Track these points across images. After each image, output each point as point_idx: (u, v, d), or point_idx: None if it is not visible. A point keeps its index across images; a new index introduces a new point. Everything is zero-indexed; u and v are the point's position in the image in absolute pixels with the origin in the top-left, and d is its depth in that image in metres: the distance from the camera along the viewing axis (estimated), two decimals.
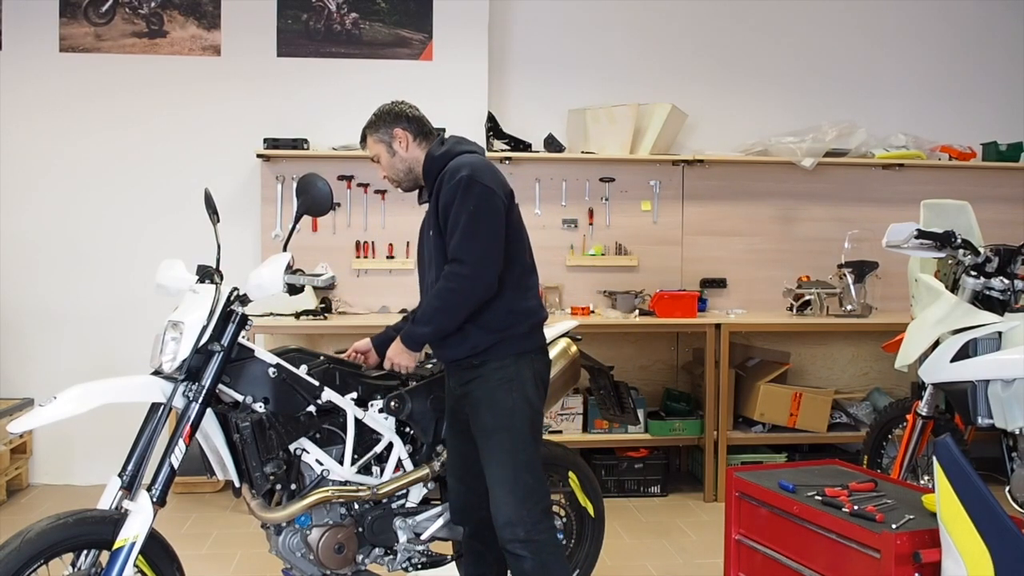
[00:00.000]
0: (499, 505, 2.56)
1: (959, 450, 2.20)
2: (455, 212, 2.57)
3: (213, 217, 2.73)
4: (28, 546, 2.21)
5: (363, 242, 5.18)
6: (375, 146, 2.86)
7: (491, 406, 2.61)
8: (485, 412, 2.62)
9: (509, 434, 2.59)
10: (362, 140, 2.93)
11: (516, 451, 2.58)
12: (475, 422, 2.66)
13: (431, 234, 2.69)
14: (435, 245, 2.67)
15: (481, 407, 2.63)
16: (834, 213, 5.47)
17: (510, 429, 2.59)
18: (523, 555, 2.52)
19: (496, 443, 2.59)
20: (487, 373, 2.63)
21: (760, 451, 5.05)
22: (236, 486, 2.72)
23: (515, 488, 2.55)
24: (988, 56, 5.76)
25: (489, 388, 2.62)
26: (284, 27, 5.19)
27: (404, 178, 2.85)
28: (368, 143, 2.89)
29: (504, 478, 2.56)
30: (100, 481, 2.63)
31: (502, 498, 2.55)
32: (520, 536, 2.52)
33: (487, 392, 2.62)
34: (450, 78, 5.21)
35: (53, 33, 5.06)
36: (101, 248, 5.11)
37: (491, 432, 2.60)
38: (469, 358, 2.65)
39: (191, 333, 2.50)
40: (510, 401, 2.61)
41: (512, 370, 2.64)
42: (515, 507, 2.54)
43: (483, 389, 2.63)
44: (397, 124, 2.84)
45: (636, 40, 5.49)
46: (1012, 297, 3.17)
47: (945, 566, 2.20)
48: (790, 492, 2.70)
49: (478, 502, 2.73)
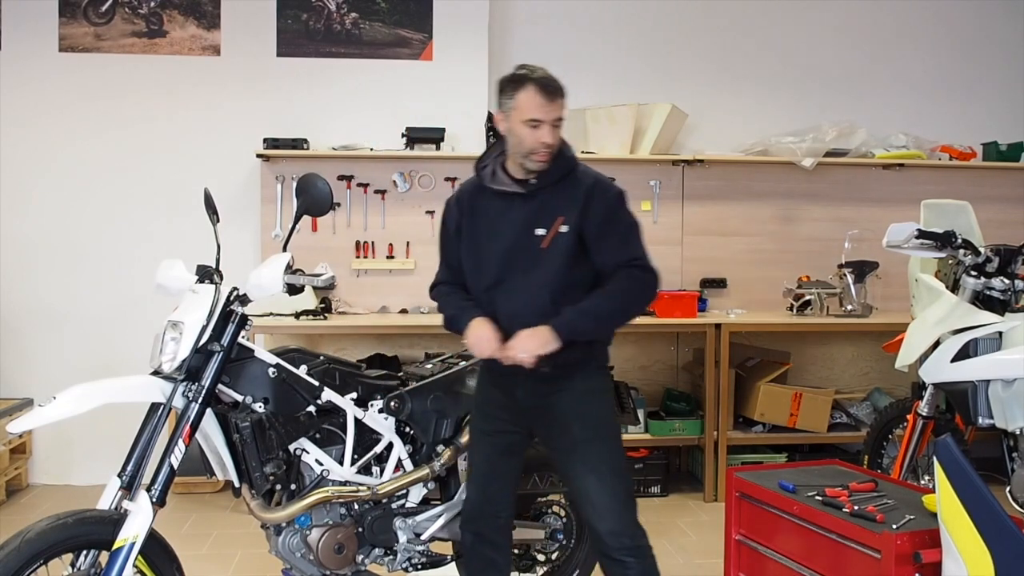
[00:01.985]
0: (603, 515, 2.48)
1: (959, 450, 2.19)
2: (625, 222, 2.52)
3: (213, 217, 2.73)
4: (28, 546, 2.21)
5: (363, 242, 5.18)
6: (563, 111, 2.55)
7: (580, 417, 2.53)
8: (574, 424, 2.52)
9: (603, 444, 2.53)
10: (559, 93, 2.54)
11: (611, 460, 2.53)
12: (559, 434, 2.55)
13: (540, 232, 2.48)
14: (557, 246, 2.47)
15: (569, 419, 2.53)
16: (834, 213, 5.47)
17: (604, 439, 2.53)
18: (629, 561, 2.47)
19: (590, 454, 2.51)
20: (573, 385, 2.53)
21: (760, 451, 5.04)
22: (236, 486, 2.72)
23: (615, 496, 2.49)
24: (988, 56, 5.76)
25: (576, 399, 2.53)
26: (284, 27, 5.19)
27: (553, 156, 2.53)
28: (563, 103, 2.55)
29: (603, 488, 2.49)
30: (100, 481, 2.63)
31: (606, 507, 2.48)
32: (627, 544, 2.47)
33: (574, 404, 2.53)
34: (450, 78, 5.21)
35: (53, 33, 5.06)
36: (101, 248, 5.11)
37: (583, 443, 2.51)
38: (559, 368, 2.50)
39: (191, 333, 2.50)
40: (600, 412, 2.56)
41: (597, 381, 2.60)
42: (620, 515, 2.48)
43: (569, 401, 2.53)
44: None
45: (636, 40, 5.49)
46: (1012, 297, 3.17)
47: (945, 566, 2.20)
48: (790, 492, 2.70)
49: (493, 511, 2.69)
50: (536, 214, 2.51)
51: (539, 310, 2.46)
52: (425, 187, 5.21)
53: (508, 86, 2.53)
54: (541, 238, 2.49)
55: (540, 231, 2.49)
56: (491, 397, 2.68)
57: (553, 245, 2.48)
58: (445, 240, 2.70)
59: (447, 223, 2.68)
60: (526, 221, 2.51)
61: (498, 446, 2.67)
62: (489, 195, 2.58)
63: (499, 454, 2.67)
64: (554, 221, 2.48)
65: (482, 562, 2.75)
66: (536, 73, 2.53)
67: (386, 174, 5.17)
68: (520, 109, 2.48)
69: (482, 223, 2.58)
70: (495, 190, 2.56)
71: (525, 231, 2.50)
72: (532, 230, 2.50)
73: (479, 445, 2.73)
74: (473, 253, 2.59)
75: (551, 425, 2.57)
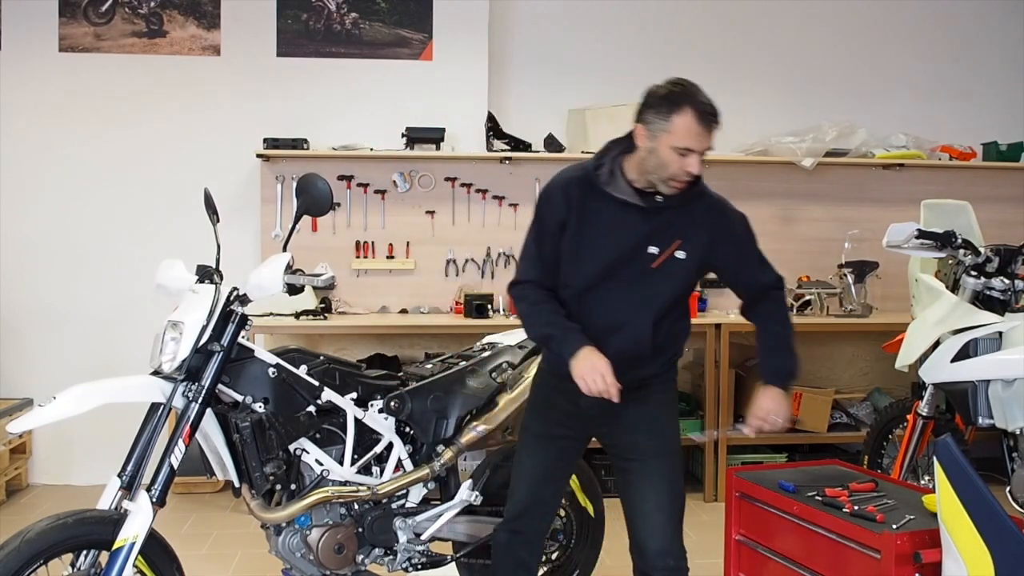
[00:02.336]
0: (655, 532, 2.42)
1: (959, 450, 2.19)
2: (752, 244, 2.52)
3: (213, 217, 2.73)
4: (28, 546, 2.21)
5: (363, 242, 5.18)
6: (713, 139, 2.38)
7: (654, 429, 2.47)
8: (646, 436, 2.47)
9: (669, 460, 2.47)
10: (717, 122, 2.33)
11: (674, 478, 2.47)
12: (627, 444, 2.49)
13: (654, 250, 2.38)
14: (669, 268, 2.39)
15: (638, 430, 2.47)
16: (834, 213, 5.46)
17: (670, 454, 2.48)
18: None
19: (657, 468, 2.45)
20: (647, 395, 2.46)
21: (760, 451, 5.04)
22: (236, 486, 2.72)
23: (671, 516, 2.44)
24: (988, 56, 5.76)
25: (651, 411, 2.48)
26: (284, 27, 5.19)
27: None
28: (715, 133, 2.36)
29: (662, 505, 2.43)
30: (100, 481, 2.63)
31: (660, 526, 2.42)
32: (670, 564, 2.42)
33: (649, 415, 2.47)
34: (450, 78, 5.21)
35: (52, 33, 5.06)
36: (101, 248, 5.10)
37: (652, 456, 2.45)
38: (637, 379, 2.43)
39: (191, 333, 2.50)
40: (670, 426, 2.52)
41: (670, 394, 2.54)
42: (671, 536, 2.43)
43: (643, 412, 2.46)
44: None
45: (636, 40, 5.49)
46: (1012, 297, 3.17)
47: (945, 566, 2.20)
48: (790, 492, 2.69)
49: (540, 513, 2.61)
50: (653, 232, 2.38)
51: (637, 329, 2.39)
52: (425, 187, 5.21)
53: (662, 105, 2.31)
54: (653, 257, 2.38)
55: (653, 249, 2.38)
56: (552, 401, 2.56)
57: (664, 267, 2.38)
58: (541, 233, 2.47)
59: (548, 216, 2.46)
60: (641, 236, 2.38)
61: (553, 450, 2.58)
62: (604, 198, 2.41)
63: (554, 458, 2.59)
64: (671, 243, 2.38)
65: (514, 563, 2.65)
66: (697, 97, 2.30)
67: (386, 174, 5.17)
68: (673, 134, 2.28)
69: (592, 226, 2.41)
70: (616, 197, 2.40)
71: (637, 246, 2.38)
72: (645, 247, 2.38)
73: (533, 448, 2.61)
74: (574, 254, 2.43)
75: (619, 434, 2.50)
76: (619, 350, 2.39)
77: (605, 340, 2.38)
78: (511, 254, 5.24)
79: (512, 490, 2.63)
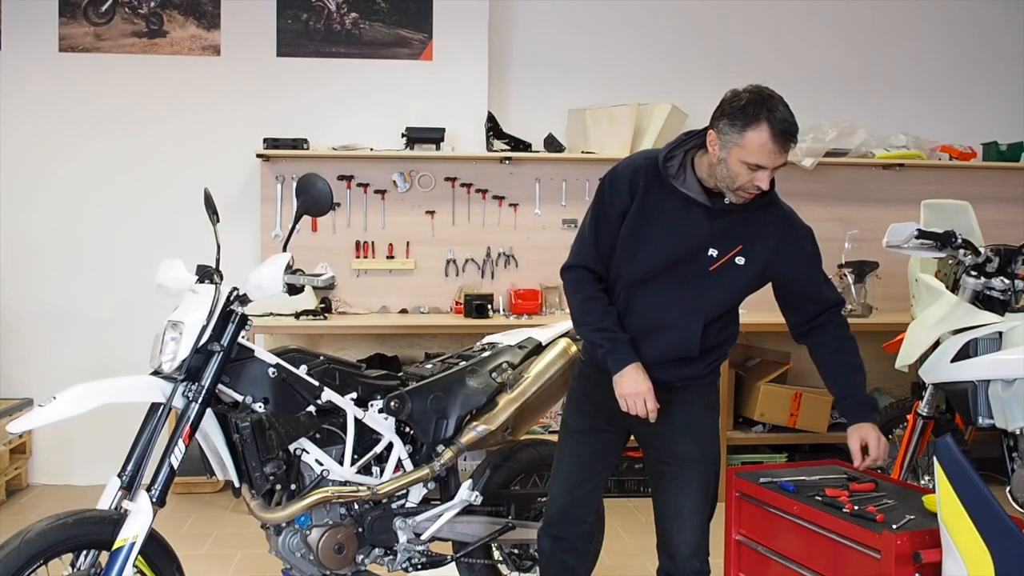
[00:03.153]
0: (687, 536, 2.42)
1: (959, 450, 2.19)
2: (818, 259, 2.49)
3: (213, 217, 2.73)
4: (28, 546, 2.22)
5: (363, 242, 5.18)
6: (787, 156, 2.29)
7: (695, 433, 2.44)
8: (688, 440, 2.43)
9: (709, 465, 2.45)
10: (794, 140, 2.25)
11: (710, 483, 2.45)
12: (667, 446, 2.45)
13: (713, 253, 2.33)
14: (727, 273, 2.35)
15: (680, 432, 2.43)
16: (834, 213, 5.46)
17: (710, 460, 2.46)
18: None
19: (696, 473, 2.43)
20: (691, 398, 2.44)
21: (760, 451, 5.04)
22: (236, 486, 2.72)
23: (703, 521, 2.45)
24: (988, 56, 5.75)
25: (694, 414, 2.44)
26: (284, 27, 5.19)
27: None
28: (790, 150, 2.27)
29: (696, 509, 2.43)
30: (100, 481, 2.63)
31: (692, 531, 2.43)
32: (696, 568, 2.44)
33: (692, 418, 2.44)
34: (450, 78, 5.21)
35: (53, 33, 5.06)
36: (101, 248, 5.10)
37: (693, 461, 2.43)
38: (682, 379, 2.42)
39: (191, 333, 2.50)
40: (711, 430, 2.48)
41: (713, 397, 2.50)
42: (700, 540, 2.44)
43: (686, 415, 2.43)
44: None
45: (636, 40, 5.49)
46: (1013, 297, 3.17)
47: (945, 566, 2.20)
48: (790, 492, 2.69)
49: (579, 515, 2.57)
50: (716, 234, 2.32)
51: (686, 331, 2.34)
52: (425, 187, 5.21)
53: (738, 117, 2.21)
54: (712, 260, 2.33)
55: (713, 252, 2.32)
56: (592, 396, 2.53)
57: (721, 272, 2.34)
58: (600, 219, 2.41)
59: (609, 201, 2.39)
60: (703, 237, 2.32)
61: (592, 445, 2.54)
62: (670, 191, 2.34)
63: (593, 454, 2.54)
64: (732, 248, 2.33)
65: (561, 570, 2.62)
66: (776, 113, 2.18)
67: (386, 174, 5.17)
68: (746, 149, 2.20)
69: (653, 219, 2.34)
70: (682, 192, 2.34)
71: (698, 247, 2.32)
72: (706, 249, 2.32)
73: (571, 445, 2.57)
74: (631, 245, 2.36)
75: (659, 434, 2.45)
76: (666, 349, 2.38)
77: (652, 336, 2.37)
78: (511, 254, 5.24)
79: (550, 489, 2.61)
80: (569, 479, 2.55)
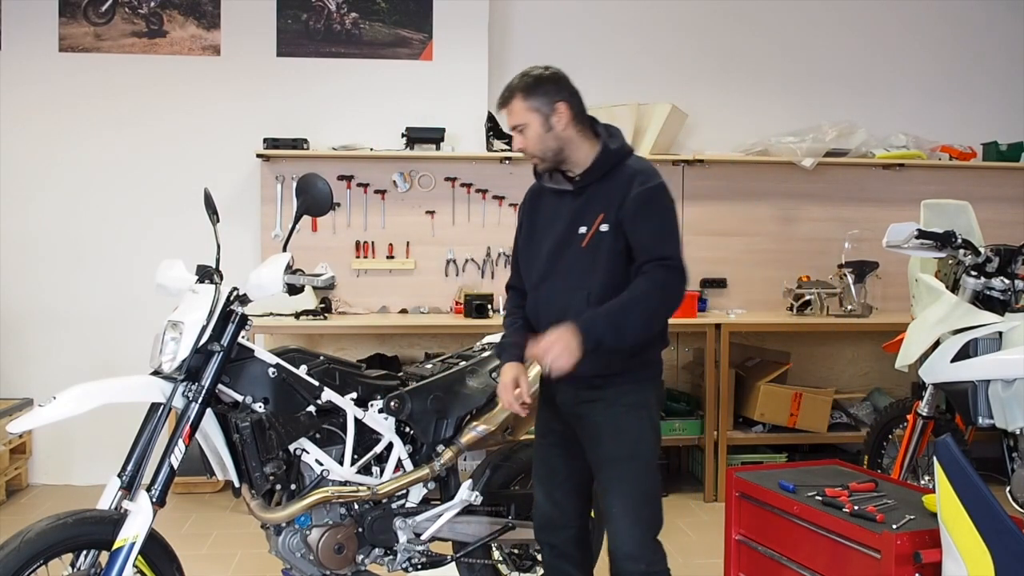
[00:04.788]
0: (622, 537, 2.38)
1: (959, 450, 2.19)
2: (661, 215, 2.37)
3: (213, 217, 2.73)
4: (28, 546, 2.22)
5: (363, 242, 5.18)
6: (526, 114, 2.42)
7: (616, 433, 2.40)
8: (609, 439, 2.41)
9: (635, 463, 2.40)
10: (505, 102, 2.45)
11: (641, 481, 2.40)
12: (594, 448, 2.44)
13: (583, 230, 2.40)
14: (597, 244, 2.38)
15: (604, 434, 2.41)
16: (834, 213, 5.46)
17: (636, 458, 2.40)
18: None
19: (620, 473, 2.40)
20: (612, 396, 2.41)
21: (760, 451, 5.04)
22: (236, 486, 2.72)
23: (638, 520, 2.38)
24: (988, 56, 5.76)
25: (614, 413, 2.41)
26: (284, 27, 5.19)
27: (551, 158, 2.45)
28: (516, 109, 2.43)
29: (627, 509, 2.38)
30: (100, 481, 2.63)
31: (626, 531, 2.38)
32: (641, 570, 2.37)
33: (612, 418, 2.41)
34: (450, 78, 5.21)
35: (53, 33, 5.06)
36: (101, 248, 5.11)
37: (615, 461, 2.40)
38: (594, 377, 2.39)
39: (191, 333, 2.50)
40: (638, 429, 2.41)
41: (640, 396, 2.43)
42: (638, 541, 2.38)
43: (606, 414, 2.41)
44: (560, 96, 2.44)
45: (636, 40, 5.49)
46: (1013, 297, 3.17)
47: (945, 566, 2.20)
48: (790, 492, 2.69)
49: (564, 521, 2.56)
50: (581, 211, 2.42)
51: (575, 313, 2.33)
52: (425, 187, 5.21)
53: None
54: (583, 236, 2.40)
55: (583, 229, 2.40)
56: (544, 400, 2.60)
57: (592, 244, 2.38)
58: (515, 242, 2.68)
59: (518, 223, 2.65)
60: (572, 219, 2.43)
61: (554, 448, 2.57)
62: (547, 193, 2.54)
63: (556, 457, 2.57)
64: (595, 219, 2.39)
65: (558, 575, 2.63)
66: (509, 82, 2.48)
67: (386, 174, 5.17)
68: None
69: (538, 222, 2.54)
70: (551, 188, 2.52)
71: (569, 229, 2.43)
72: (576, 228, 2.42)
73: (537, 451, 2.64)
74: (526, 251, 2.58)
75: (584, 435, 2.48)
76: None
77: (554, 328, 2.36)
78: (511, 254, 5.24)
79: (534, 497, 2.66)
80: (543, 484, 2.61)
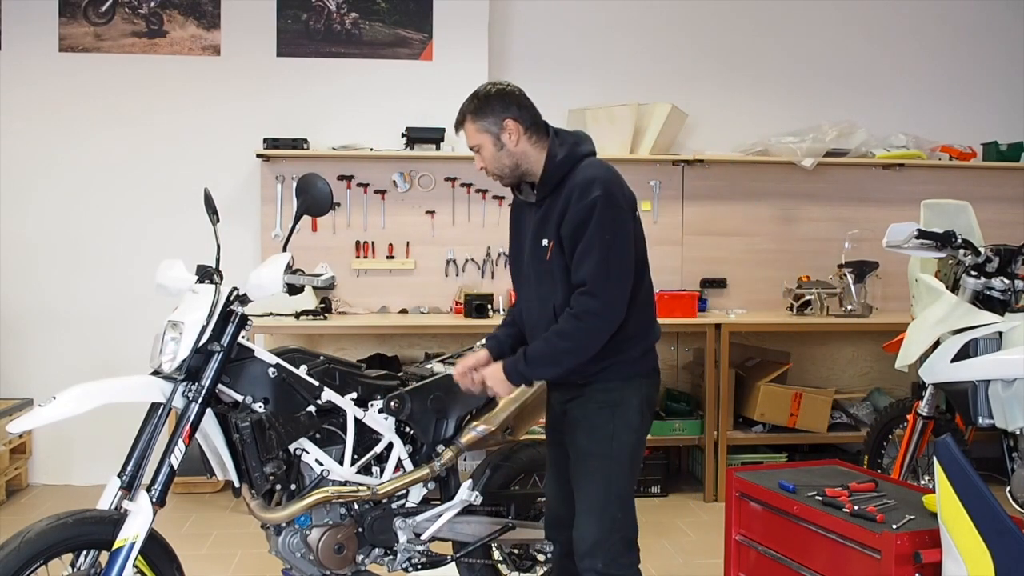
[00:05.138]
0: (582, 532, 2.41)
1: (959, 450, 2.19)
2: (589, 236, 2.31)
3: (213, 217, 2.73)
4: (28, 546, 2.21)
5: (363, 242, 5.18)
6: (478, 136, 2.44)
7: (589, 430, 2.43)
8: (582, 435, 2.45)
9: (605, 461, 2.41)
10: (459, 125, 2.49)
11: (609, 479, 2.40)
12: (571, 443, 2.49)
13: (544, 243, 2.42)
14: (553, 257, 2.40)
15: (578, 429, 2.46)
16: (834, 213, 5.47)
17: (606, 456, 2.41)
18: None
19: (589, 468, 2.42)
20: (589, 394, 2.45)
21: (760, 451, 5.04)
22: (236, 486, 2.72)
23: (602, 518, 2.39)
24: (988, 56, 5.76)
25: (588, 411, 2.44)
26: (284, 27, 5.19)
27: (509, 174, 2.47)
28: (468, 131, 2.46)
29: (592, 506, 2.40)
30: (100, 481, 2.63)
31: (586, 526, 2.40)
32: (598, 568, 2.37)
33: (586, 414, 2.44)
34: (450, 78, 5.21)
35: (52, 33, 5.06)
36: (101, 248, 5.11)
37: (585, 456, 2.43)
38: (580, 375, 2.44)
39: (191, 333, 2.50)
40: (610, 427, 2.42)
41: (617, 394, 2.44)
42: (597, 537, 2.38)
43: (582, 410, 2.45)
44: (508, 113, 2.41)
45: (636, 40, 5.49)
46: (1013, 297, 3.17)
47: (945, 566, 2.20)
48: (790, 492, 2.69)
49: (571, 519, 2.53)
50: (541, 224, 2.45)
51: (545, 324, 2.41)
52: (425, 187, 5.21)
53: None
54: (545, 249, 2.43)
55: (544, 242, 2.43)
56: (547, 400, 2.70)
57: (554, 257, 2.41)
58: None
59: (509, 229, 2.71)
60: (535, 231, 2.47)
61: (557, 448, 2.61)
62: (522, 206, 2.60)
63: (559, 457, 2.60)
64: (555, 232, 2.42)
65: (561, 573, 2.65)
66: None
67: (386, 174, 5.17)
68: None
69: (519, 231, 2.60)
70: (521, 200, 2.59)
71: (535, 242, 2.47)
72: (540, 241, 2.45)
73: (548, 448, 2.70)
74: (513, 259, 2.66)
75: (568, 433, 2.51)
76: None
77: (531, 334, 2.52)
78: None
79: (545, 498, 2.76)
80: (552, 482, 2.69)
